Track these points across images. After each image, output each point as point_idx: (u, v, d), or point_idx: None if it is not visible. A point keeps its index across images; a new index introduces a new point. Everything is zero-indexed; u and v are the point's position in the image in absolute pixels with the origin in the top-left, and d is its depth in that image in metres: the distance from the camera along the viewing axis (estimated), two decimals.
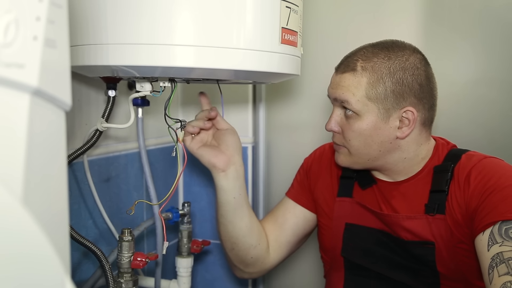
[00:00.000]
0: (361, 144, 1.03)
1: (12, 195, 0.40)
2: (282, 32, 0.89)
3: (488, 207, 0.93)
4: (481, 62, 1.28)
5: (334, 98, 1.05)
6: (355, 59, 1.02)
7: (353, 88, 1.00)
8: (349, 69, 1.02)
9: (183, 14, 0.80)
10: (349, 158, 1.06)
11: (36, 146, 0.44)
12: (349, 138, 1.03)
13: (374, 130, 1.01)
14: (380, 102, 1.00)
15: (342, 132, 1.05)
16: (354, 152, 1.05)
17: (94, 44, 0.82)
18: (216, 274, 1.56)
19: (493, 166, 0.99)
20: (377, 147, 1.03)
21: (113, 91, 1.03)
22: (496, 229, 0.91)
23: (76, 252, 1.11)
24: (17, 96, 0.43)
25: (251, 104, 1.49)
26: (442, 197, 1.01)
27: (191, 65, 0.82)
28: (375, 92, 0.99)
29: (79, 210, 1.12)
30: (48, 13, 0.45)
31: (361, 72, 1.00)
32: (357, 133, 1.02)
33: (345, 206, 1.15)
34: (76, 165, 1.10)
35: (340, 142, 1.06)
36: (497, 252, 0.88)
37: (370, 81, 0.99)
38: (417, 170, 1.07)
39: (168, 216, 1.23)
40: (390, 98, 0.99)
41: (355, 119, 1.01)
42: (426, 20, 1.31)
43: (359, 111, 1.01)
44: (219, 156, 1.08)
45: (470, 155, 1.04)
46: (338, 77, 1.04)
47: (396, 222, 1.05)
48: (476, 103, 1.29)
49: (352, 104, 1.00)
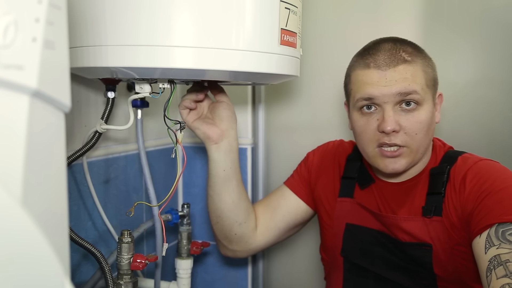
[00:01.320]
0: (424, 135, 1.00)
1: (11, 196, 0.40)
2: (281, 33, 0.89)
3: (484, 210, 0.93)
4: (481, 62, 1.28)
5: (395, 94, 0.97)
6: (397, 51, 1.00)
7: (416, 77, 0.99)
8: (401, 61, 0.99)
9: (182, 16, 0.80)
10: (408, 159, 1.00)
11: (35, 147, 0.44)
12: (416, 132, 0.98)
13: (432, 117, 1.02)
14: (433, 87, 1.03)
15: (403, 129, 0.98)
16: (416, 149, 1.00)
17: (93, 45, 0.82)
18: (215, 276, 1.55)
19: (488, 169, 0.99)
20: (431, 135, 1.03)
21: (112, 92, 1.03)
22: (493, 231, 0.90)
23: (76, 254, 1.11)
24: (17, 97, 0.43)
25: (250, 105, 1.49)
26: (439, 199, 1.01)
27: (191, 67, 0.82)
28: (429, 77, 1.02)
29: (79, 211, 1.12)
30: (47, 14, 0.45)
31: (413, 61, 0.99)
32: (423, 124, 0.99)
33: (346, 207, 1.15)
34: (76, 166, 1.10)
35: (402, 142, 0.99)
36: (495, 254, 0.88)
37: (423, 68, 1.00)
38: (418, 172, 1.07)
39: (168, 218, 1.23)
40: (436, 83, 1.04)
41: (418, 110, 0.99)
42: (426, 21, 1.31)
43: (422, 100, 0.99)
44: (213, 128, 1.07)
45: (465, 157, 1.04)
46: (392, 71, 0.98)
47: (394, 224, 1.06)
48: (476, 104, 1.29)
49: (420, 93, 0.98)
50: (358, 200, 1.13)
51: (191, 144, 1.51)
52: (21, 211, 0.41)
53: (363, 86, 1.00)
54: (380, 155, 1.01)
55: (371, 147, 1.02)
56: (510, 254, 0.86)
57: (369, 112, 1.01)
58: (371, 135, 1.01)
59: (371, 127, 1.01)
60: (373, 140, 1.01)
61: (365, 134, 1.02)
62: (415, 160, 1.02)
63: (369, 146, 1.02)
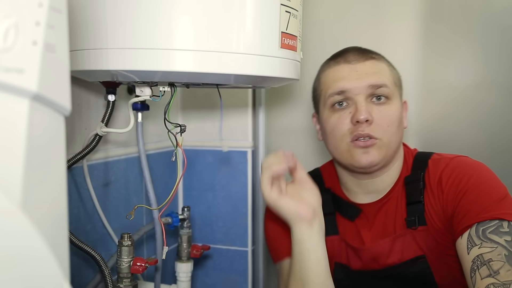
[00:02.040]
0: (395, 130, 1.01)
1: (11, 199, 0.40)
2: (282, 37, 0.89)
3: (463, 210, 0.93)
4: (481, 66, 1.28)
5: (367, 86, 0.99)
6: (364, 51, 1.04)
7: (384, 73, 1.02)
8: (368, 57, 1.01)
9: (183, 19, 0.80)
10: (381, 151, 1.00)
11: (35, 150, 0.44)
12: (388, 124, 1.00)
13: (400, 115, 1.03)
14: (399, 88, 1.05)
15: (376, 120, 0.99)
16: (388, 142, 1.00)
17: (94, 48, 0.82)
18: (216, 279, 1.55)
19: (462, 167, 0.99)
20: (401, 133, 1.04)
21: (113, 95, 1.03)
22: (473, 231, 0.90)
23: (76, 257, 1.10)
24: (17, 101, 0.43)
25: (251, 109, 1.49)
26: (420, 207, 1.00)
27: (191, 70, 0.82)
28: (396, 77, 1.04)
29: (79, 214, 1.12)
30: (48, 18, 0.45)
31: (379, 59, 1.03)
32: (394, 118, 1.00)
33: (334, 245, 1.10)
34: (76, 169, 1.10)
35: (375, 133, 0.99)
36: (477, 254, 0.88)
37: (389, 67, 1.04)
38: (395, 181, 1.05)
39: (168, 221, 1.23)
40: (401, 86, 1.06)
41: (388, 104, 1.01)
42: (426, 24, 1.31)
43: (391, 95, 1.01)
44: (303, 206, 0.92)
45: (435, 160, 1.03)
46: (362, 65, 1.01)
47: (380, 252, 1.03)
48: (477, 107, 1.29)
49: (390, 87, 1.01)
50: (343, 236, 1.09)
51: (191, 147, 1.51)
52: (21, 214, 0.41)
53: (335, 82, 1.02)
54: (353, 147, 1.00)
55: (344, 142, 1.02)
56: (493, 253, 0.86)
57: (341, 108, 1.02)
58: (344, 130, 1.01)
59: (344, 121, 1.01)
60: (346, 134, 1.01)
61: (337, 130, 1.02)
62: (387, 155, 1.01)
63: (342, 142, 1.02)
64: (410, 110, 1.32)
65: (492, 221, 0.90)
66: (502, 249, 0.86)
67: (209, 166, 1.52)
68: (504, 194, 0.93)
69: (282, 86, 1.39)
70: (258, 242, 1.50)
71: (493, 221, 0.89)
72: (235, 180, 1.49)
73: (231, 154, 1.50)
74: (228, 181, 1.51)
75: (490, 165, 1.01)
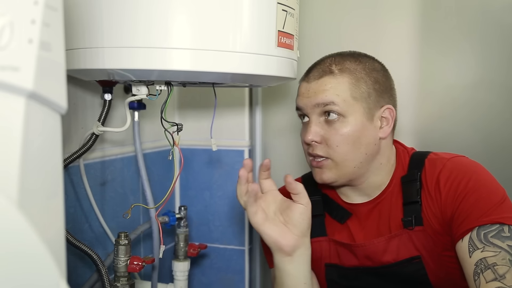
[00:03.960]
0: (349, 148, 0.98)
1: (7, 198, 0.40)
2: (279, 35, 0.89)
3: (463, 214, 0.93)
4: (480, 65, 1.28)
5: (314, 105, 1.00)
6: (327, 65, 1.02)
7: (337, 89, 0.99)
8: (326, 73, 1.00)
9: (179, 18, 0.80)
10: (335, 171, 1.00)
11: (32, 149, 0.44)
12: (337, 144, 0.98)
13: (361, 131, 0.99)
14: (364, 101, 1.00)
15: (326, 140, 0.99)
16: (341, 161, 0.99)
17: (90, 47, 0.82)
18: (212, 278, 1.55)
19: (460, 168, 0.98)
20: (364, 149, 1.00)
21: (109, 94, 1.03)
22: (475, 234, 0.90)
23: (72, 256, 1.10)
24: (13, 99, 0.43)
25: (248, 108, 1.49)
26: (417, 208, 0.99)
27: (188, 68, 0.82)
28: (359, 91, 0.99)
29: (75, 214, 1.12)
30: (43, 16, 0.45)
31: (340, 73, 1.00)
32: (345, 136, 0.98)
33: (322, 246, 1.09)
34: (72, 169, 1.10)
35: (324, 153, 0.99)
36: (480, 258, 0.88)
37: (352, 81, 0.99)
38: (387, 182, 1.04)
39: (165, 220, 1.23)
40: (373, 97, 1.00)
41: (341, 122, 0.98)
42: (423, 22, 1.31)
43: (345, 112, 0.98)
44: (286, 236, 0.92)
45: (432, 159, 1.02)
46: (315, 83, 1.01)
47: (374, 250, 1.03)
48: (475, 106, 1.29)
49: (339, 104, 0.98)
50: (332, 237, 1.08)
51: (188, 146, 1.51)
52: (17, 213, 0.41)
53: (297, 98, 1.05)
54: (310, 165, 1.04)
55: (307, 158, 1.05)
56: (497, 257, 0.87)
57: (305, 122, 1.04)
58: (305, 147, 1.04)
59: (304, 138, 1.03)
60: (306, 150, 1.04)
61: (302, 144, 1.06)
62: (346, 173, 1.00)
63: (306, 156, 1.05)
64: (408, 110, 1.32)
65: (493, 225, 0.90)
66: (506, 253, 0.87)
67: (206, 165, 1.52)
68: (503, 197, 0.94)
69: (279, 85, 1.39)
70: (255, 241, 1.51)
71: (494, 225, 0.90)
72: (232, 179, 1.49)
73: (228, 153, 1.50)
74: (225, 180, 1.50)
75: (487, 165, 1.01)
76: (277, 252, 0.94)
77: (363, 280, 1.06)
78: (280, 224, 0.94)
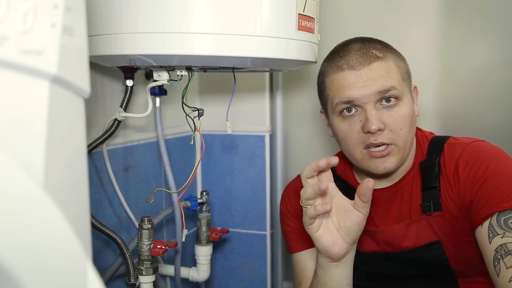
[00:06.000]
0: (409, 130, 0.98)
1: (34, 180, 0.41)
2: (299, 19, 0.88)
3: (482, 199, 0.92)
4: (504, 45, 1.25)
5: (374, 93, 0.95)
6: (368, 50, 0.98)
7: (391, 73, 0.97)
8: (374, 58, 0.96)
9: (200, 2, 0.80)
10: (397, 156, 0.97)
11: (56, 132, 0.44)
12: (400, 127, 0.96)
13: (412, 111, 1.00)
14: (408, 81, 1.01)
15: (387, 126, 0.96)
16: (403, 145, 0.97)
17: (109, 33, 0.83)
18: (235, 262, 1.57)
19: (480, 153, 0.96)
20: (414, 129, 1.01)
21: (131, 80, 1.04)
22: (495, 220, 0.89)
23: (97, 240, 1.12)
24: (37, 83, 0.43)
25: (268, 92, 1.48)
26: (435, 193, 0.98)
27: (209, 53, 0.82)
28: (404, 71, 1.00)
29: (100, 199, 1.14)
30: (66, 0, 0.45)
31: (384, 57, 0.97)
32: (406, 118, 0.97)
33: None
34: (96, 154, 1.11)
35: (388, 140, 0.96)
36: (500, 243, 0.87)
37: (396, 63, 0.99)
38: (410, 166, 1.03)
39: (187, 205, 1.24)
40: (410, 76, 1.03)
41: (399, 105, 0.97)
42: (447, 4, 1.29)
43: (401, 95, 0.97)
44: (338, 244, 0.91)
45: (451, 144, 1.01)
46: (367, 71, 0.96)
47: (393, 235, 1.02)
48: (499, 88, 1.26)
49: (398, 88, 0.96)
50: None
51: (209, 132, 1.52)
52: (44, 195, 0.41)
53: (341, 90, 0.97)
54: (368, 156, 0.98)
55: (358, 151, 0.99)
56: None
57: (350, 115, 0.98)
58: (356, 138, 0.98)
59: (354, 129, 0.98)
60: (358, 142, 0.98)
61: (349, 138, 0.99)
62: (404, 157, 0.99)
63: (356, 150, 0.99)
64: (429, 93, 1.30)
65: None
66: None
67: (227, 150, 1.52)
68: None
69: (299, 69, 1.38)
70: (276, 226, 1.51)
71: None
72: (253, 165, 1.50)
73: (249, 139, 1.50)
74: (246, 166, 1.51)
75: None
76: (326, 257, 0.93)
77: (384, 266, 1.06)
78: (333, 229, 0.92)
